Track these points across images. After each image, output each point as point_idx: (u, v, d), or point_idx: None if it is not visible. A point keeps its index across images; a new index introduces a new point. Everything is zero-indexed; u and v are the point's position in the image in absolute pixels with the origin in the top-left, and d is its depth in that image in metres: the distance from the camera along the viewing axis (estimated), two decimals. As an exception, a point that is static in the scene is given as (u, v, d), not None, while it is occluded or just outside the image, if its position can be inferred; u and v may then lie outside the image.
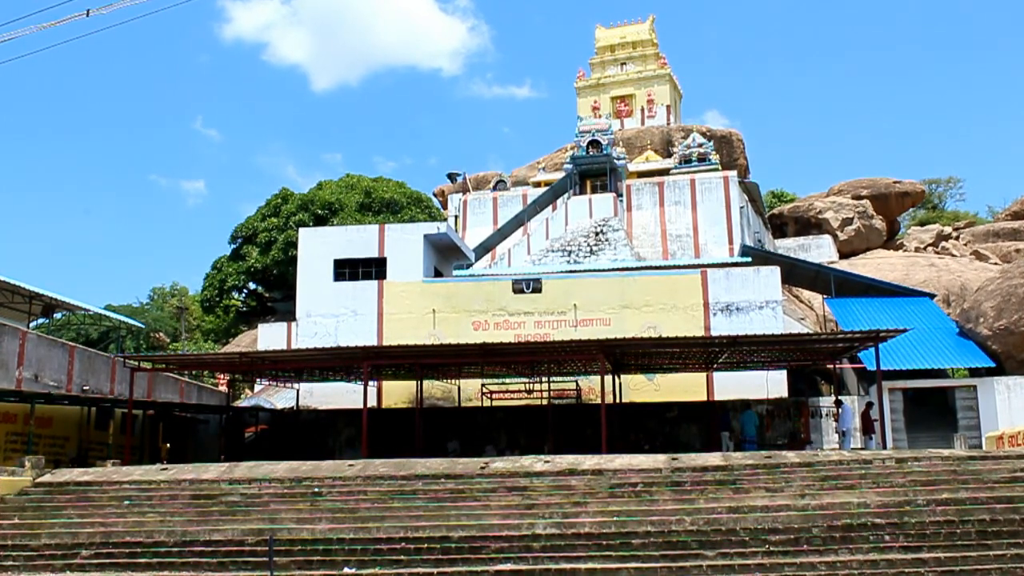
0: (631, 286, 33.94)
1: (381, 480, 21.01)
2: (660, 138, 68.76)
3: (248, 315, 61.24)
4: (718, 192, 55.52)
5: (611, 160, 56.58)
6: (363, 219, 55.23)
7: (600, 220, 53.79)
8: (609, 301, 33.62)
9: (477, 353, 26.80)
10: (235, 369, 31.31)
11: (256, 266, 56.19)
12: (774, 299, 33.20)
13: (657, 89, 73.91)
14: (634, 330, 31.83)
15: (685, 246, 54.56)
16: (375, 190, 59.42)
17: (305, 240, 37.09)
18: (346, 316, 34.91)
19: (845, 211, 64.52)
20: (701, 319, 33.00)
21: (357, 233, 37.19)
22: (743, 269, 34.69)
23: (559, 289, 34.20)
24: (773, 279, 33.55)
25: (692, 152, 60.27)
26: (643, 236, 55.62)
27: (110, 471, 23.51)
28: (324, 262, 35.96)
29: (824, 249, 61.80)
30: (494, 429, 32.54)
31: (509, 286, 34.39)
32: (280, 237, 55.43)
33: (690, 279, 33.94)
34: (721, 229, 54.60)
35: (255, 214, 59.03)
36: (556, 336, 32.15)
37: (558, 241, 53.18)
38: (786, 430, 31.31)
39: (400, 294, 34.74)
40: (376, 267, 35.93)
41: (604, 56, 77.29)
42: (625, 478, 20.12)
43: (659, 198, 56.65)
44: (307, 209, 56.55)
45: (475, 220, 60.21)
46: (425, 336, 32.92)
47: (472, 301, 34.28)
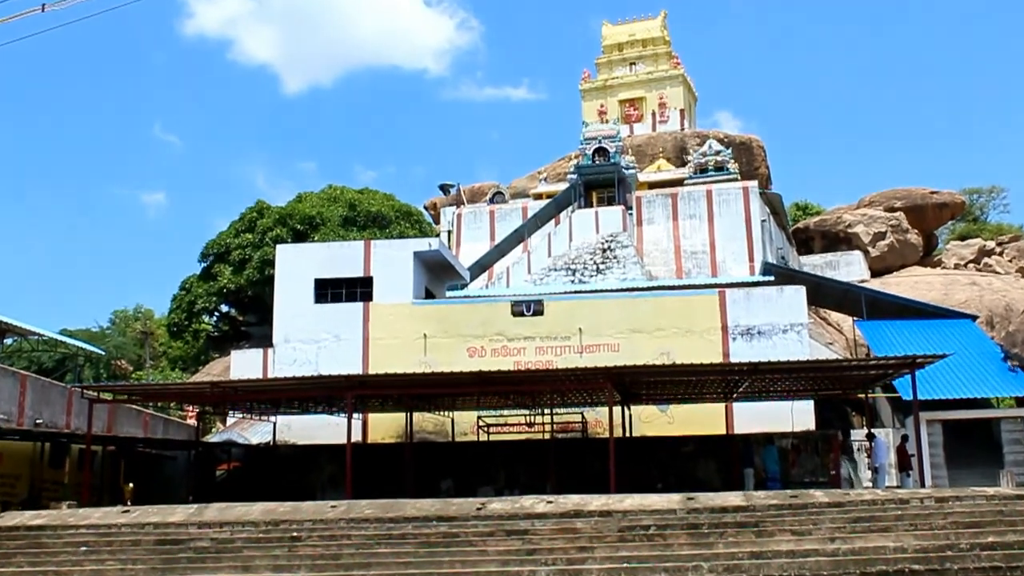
0: (642, 308, 33.91)
1: (367, 523, 20.92)
2: (673, 145, 68.96)
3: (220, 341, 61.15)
4: (737, 204, 55.58)
5: (619, 169, 56.67)
6: (347, 235, 55.30)
7: (607, 236, 53.81)
8: (618, 325, 33.58)
9: (473, 382, 26.73)
10: (205, 400, 31.21)
11: (229, 286, 56.21)
12: (799, 322, 33.17)
13: (670, 91, 74.21)
14: (645, 356, 31.78)
15: (701, 264, 54.57)
16: (360, 203, 59.54)
17: (283, 258, 37.08)
18: (328, 342, 34.85)
19: (877, 225, 64.61)
20: (719, 344, 32.96)
21: (340, 250, 37.17)
22: (765, 289, 34.68)
23: (563, 312, 34.17)
24: (798, 300, 33.53)
25: (708, 160, 60.42)
26: (655, 253, 55.64)
27: (65, 514, 23.41)
28: (304, 282, 35.93)
29: (854, 266, 61.80)
30: (491, 466, 32.42)
31: (508, 308, 34.36)
32: (255, 254, 55.48)
33: (707, 300, 33.92)
34: (740, 245, 54.61)
35: (228, 229, 59.11)
36: (559, 363, 32.09)
37: (561, 259, 53.17)
38: (813, 466, 31.19)
39: (388, 317, 34.70)
40: (361, 287, 35.91)
41: (611, 55, 77.64)
42: (636, 520, 20.03)
43: (672, 211, 56.71)
44: (285, 224, 56.64)
45: (470, 236, 60.23)
46: (415, 363, 32.83)
47: (467, 325, 34.23)
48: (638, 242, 55.69)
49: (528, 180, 71.69)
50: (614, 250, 52.68)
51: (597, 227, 54.54)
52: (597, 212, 55.33)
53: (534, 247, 56.13)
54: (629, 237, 54.11)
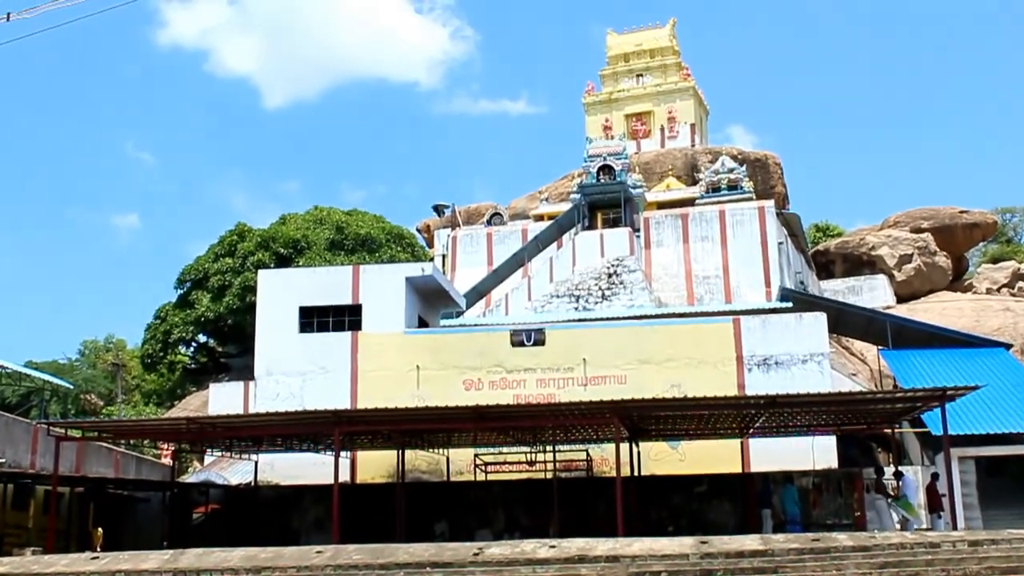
0: (651, 337, 33.91)
1: (355, 570, 20.84)
2: (683, 162, 69.20)
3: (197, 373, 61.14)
4: (752, 225, 55.70)
5: (626, 189, 56.83)
6: (334, 259, 55.39)
7: (614, 260, 53.89)
8: (625, 355, 33.57)
9: (469, 417, 26.69)
10: (182, 438, 31.15)
11: (207, 315, 56.24)
12: (820, 351, 33.17)
13: (679, 105, 74.55)
14: (655, 389, 31.72)
15: (714, 289, 54.63)
16: (348, 225, 59.68)
17: (265, 284, 37.10)
18: (314, 374, 34.82)
19: (903, 247, 64.75)
20: (734, 376, 32.94)
21: (327, 276, 37.20)
22: (783, 316, 34.70)
23: (566, 341, 34.17)
24: (818, 328, 33.54)
25: (721, 179, 60.61)
26: (664, 278, 55.69)
27: (29, 561, 23.31)
28: (288, 310, 35.92)
29: (878, 292, 61.90)
30: (490, 508, 32.33)
31: (507, 338, 34.35)
32: (236, 281, 55.55)
33: (720, 328, 33.92)
34: (756, 269, 54.69)
35: (206, 253, 59.21)
36: (562, 397, 32.04)
37: (564, 284, 53.23)
38: (836, 507, 31.11)
39: (378, 348, 34.69)
40: (349, 316, 35.90)
41: (617, 66, 78.03)
42: (645, 566, 19.96)
43: (683, 233, 56.81)
44: (268, 247, 56.75)
45: (466, 260, 60.29)
46: (408, 397, 32.80)
47: (463, 356, 34.22)
48: (646, 266, 55.74)
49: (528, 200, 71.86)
50: (620, 275, 52.74)
51: (602, 250, 54.61)
52: (602, 234, 55.41)
53: (535, 272, 56.18)
54: (636, 261, 54.17)
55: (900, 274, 63.62)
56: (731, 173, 60.81)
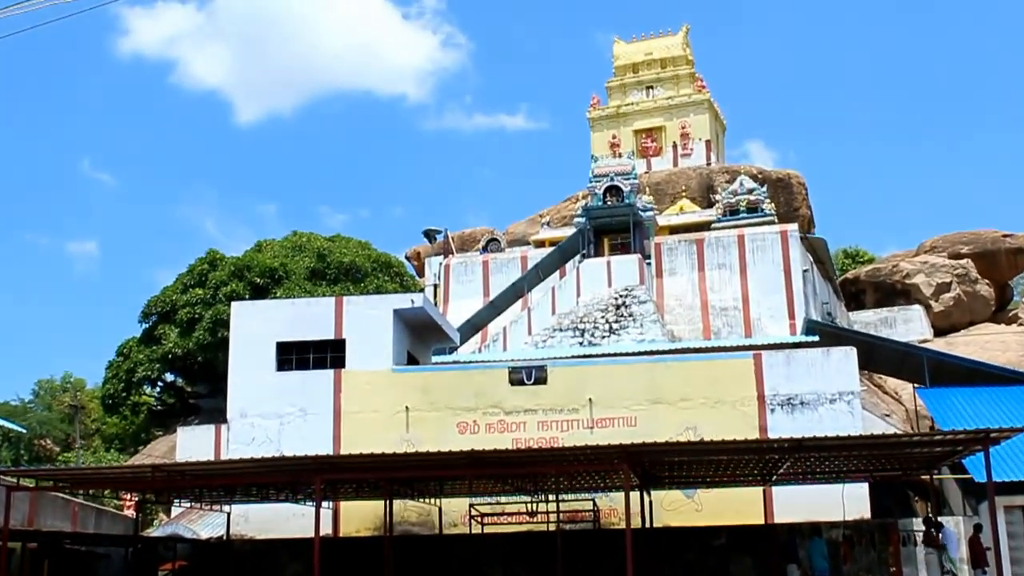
0: (663, 375, 33.92)
1: (338, 633, 20.79)
2: (698, 182, 69.47)
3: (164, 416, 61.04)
4: (774, 252, 55.83)
5: (635, 212, 56.98)
6: (315, 290, 55.41)
7: (622, 289, 53.97)
8: (635, 395, 33.57)
9: (464, 463, 26.66)
10: (146, 487, 31.08)
11: (175, 351, 56.17)
12: (850, 389, 33.17)
13: (694, 119, 74.88)
14: (668, 432, 31.70)
15: (732, 322, 54.67)
16: (331, 252, 59.75)
17: (240, 317, 37.11)
18: (293, 416, 34.80)
19: (940, 274, 64.91)
20: (755, 417, 32.92)
21: (307, 308, 37.21)
22: (809, 351, 34.70)
23: (570, 379, 34.16)
24: (848, 364, 33.55)
25: (740, 200, 60.82)
26: (678, 309, 55.76)
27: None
28: (264, 346, 35.93)
29: (914, 324, 62.00)
30: (486, 563, 32.27)
31: (505, 376, 34.35)
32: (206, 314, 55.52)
33: (740, 365, 33.93)
34: (779, 299, 54.76)
35: (174, 284, 59.23)
36: (566, 441, 32.03)
37: (568, 317, 53.27)
38: (869, 562, 31.07)
39: (363, 387, 34.68)
40: (332, 352, 35.90)
41: (624, 77, 78.42)
42: (659, 628, 19.92)
43: (698, 260, 56.93)
44: (242, 277, 56.78)
45: (460, 290, 60.38)
46: (396, 441, 32.77)
47: (457, 396, 34.21)
48: (658, 297, 55.81)
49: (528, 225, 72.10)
50: (630, 306, 52.81)
51: (609, 279, 54.70)
52: (609, 262, 55.51)
53: (535, 303, 56.22)
54: (647, 291, 54.23)
55: (937, 304, 63.73)
56: (750, 194, 61.00)
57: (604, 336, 51.30)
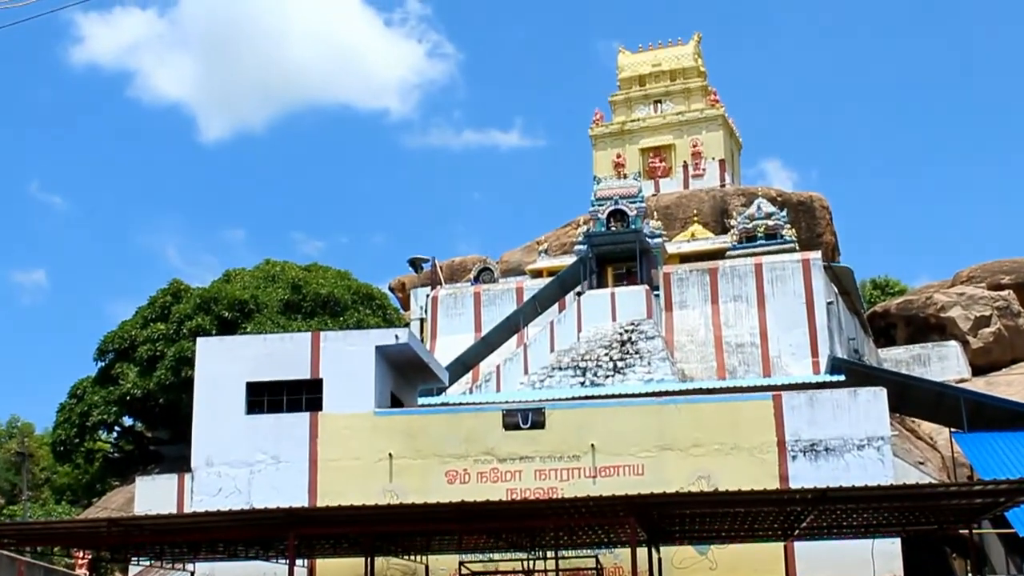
0: (673, 418, 33.91)
1: None
2: (711, 206, 69.60)
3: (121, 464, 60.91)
4: (795, 282, 55.89)
5: (642, 238, 57.09)
6: (289, 324, 55.45)
7: (628, 324, 54.01)
8: (642, 440, 33.57)
9: (453, 516, 26.64)
10: (101, 543, 31.00)
11: (134, 392, 56.14)
12: (880, 435, 33.20)
13: (706, 137, 75.11)
14: (679, 482, 31.72)
15: (749, 360, 54.69)
16: (306, 283, 59.82)
17: (206, 355, 37.11)
18: (264, 464, 34.76)
19: (979, 307, 64.99)
20: (775, 464, 32.92)
21: (280, 344, 37.24)
22: (834, 392, 34.72)
23: (570, 423, 34.15)
24: (878, 406, 33.59)
25: (757, 225, 60.91)
26: (689, 346, 55.78)
27: None
28: (233, 386, 35.91)
29: (950, 362, 62.02)
30: (478, 628, 32.18)
31: (499, 419, 34.33)
32: (169, 351, 55.52)
33: (758, 407, 33.93)
34: (801, 334, 54.78)
35: (133, 318, 59.27)
36: (566, 491, 32.00)
37: (568, 354, 53.27)
38: (903, 626, 31.05)
39: (342, 432, 34.65)
40: (308, 393, 35.89)
41: (630, 91, 78.67)
42: None
43: (711, 291, 56.98)
44: (208, 310, 56.81)
45: (449, 325, 60.34)
46: (378, 492, 32.74)
47: (446, 441, 34.19)
48: (667, 332, 55.85)
49: (524, 253, 72.15)
50: (636, 343, 52.84)
51: (614, 313, 54.72)
52: (614, 293, 55.55)
53: (532, 339, 56.21)
54: (655, 326, 54.27)
55: (976, 340, 63.78)
56: (769, 219, 61.09)
57: (608, 375, 51.31)
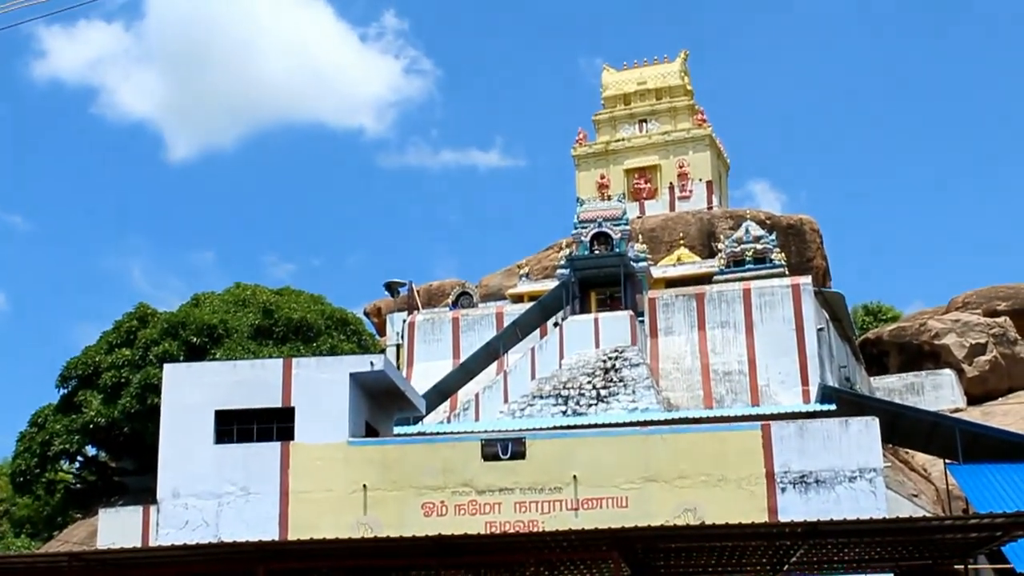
0: (658, 449, 33.83)
1: None
2: (698, 229, 69.74)
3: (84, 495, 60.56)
4: (785, 308, 55.97)
5: (626, 262, 57.11)
6: (260, 350, 55.25)
7: (611, 351, 53.97)
8: (626, 471, 33.46)
9: (430, 550, 26.50)
10: (62, 578, 30.75)
11: (98, 421, 55.84)
12: (872, 466, 33.15)
13: (693, 157, 75.26)
14: (664, 514, 31.64)
15: (737, 388, 54.70)
16: (278, 307, 59.63)
17: (173, 382, 36.92)
18: (233, 496, 34.56)
19: (974, 334, 65.14)
20: (763, 497, 32.84)
21: (251, 371, 37.08)
22: (825, 421, 34.69)
23: (552, 453, 34.04)
24: (870, 436, 33.55)
25: (745, 249, 61.02)
26: (675, 374, 55.76)
27: None
28: (201, 415, 35.73)
29: (945, 391, 62.16)
30: (455, 667, 31.97)
31: (477, 449, 34.21)
32: (135, 377, 55.26)
33: (746, 437, 33.87)
34: (790, 362, 54.83)
35: (97, 343, 59.00)
36: (548, 524, 31.84)
37: (549, 382, 53.17)
38: (896, 665, 30.95)
39: (315, 462, 34.49)
40: (279, 422, 35.73)
41: (614, 109, 78.83)
42: None
43: (698, 317, 57.02)
44: (176, 335, 56.58)
45: (427, 351, 60.26)
46: (352, 525, 32.59)
47: (422, 472, 34.04)
48: (652, 359, 55.82)
49: (504, 276, 72.20)
50: (620, 370, 52.78)
51: (597, 339, 54.69)
52: (597, 319, 55.53)
53: (512, 367, 56.14)
54: (640, 353, 54.24)
55: (971, 368, 63.91)
56: (758, 242, 61.20)
57: (591, 404, 51.21)
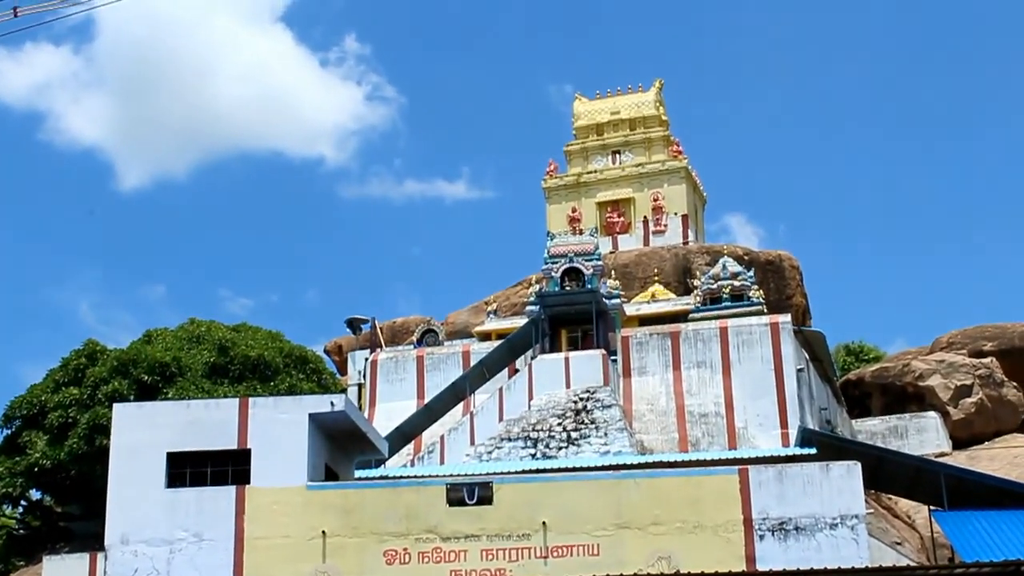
0: (631, 494, 33.95)
1: None
2: (673, 264, 69.94)
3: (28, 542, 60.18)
4: (763, 347, 56.22)
5: (598, 299, 57.27)
6: (215, 389, 55.10)
7: (583, 391, 54.07)
8: (598, 517, 33.55)
9: (392, 600, 26.57)
10: (5, 629, 30.70)
11: (43, 463, 55.54)
12: (854, 512, 33.35)
13: (668, 190, 75.41)
14: (637, 563, 31.77)
15: (714, 431, 54.84)
16: (234, 345, 59.51)
17: (123, 422, 36.85)
18: (185, 543, 34.48)
19: (960, 375, 65.42)
20: (740, 544, 32.94)
21: (205, 411, 37.02)
22: (805, 466, 34.89)
23: (520, 498, 34.12)
24: (852, 481, 33.76)
25: (723, 286, 61.22)
26: (649, 416, 55.87)
27: None
28: (152, 457, 35.67)
29: (929, 434, 62.40)
30: None
31: (442, 494, 34.26)
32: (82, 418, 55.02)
33: (722, 482, 34.03)
34: (769, 404, 55.05)
35: (43, 381, 58.70)
36: (516, 573, 31.98)
37: (518, 424, 53.23)
38: None
39: (272, 507, 34.48)
40: (234, 465, 35.70)
41: (587, 140, 78.97)
42: None
43: (673, 357, 57.19)
44: (127, 374, 56.37)
45: (390, 391, 60.22)
46: (311, 573, 32.61)
47: (384, 518, 34.06)
48: (625, 401, 55.95)
49: (470, 314, 72.21)
50: (592, 412, 52.88)
51: (568, 379, 54.77)
52: (568, 358, 55.64)
53: (479, 408, 56.16)
54: (612, 393, 54.37)
55: (957, 411, 64.11)
56: (735, 279, 61.37)
57: (561, 447, 51.29)
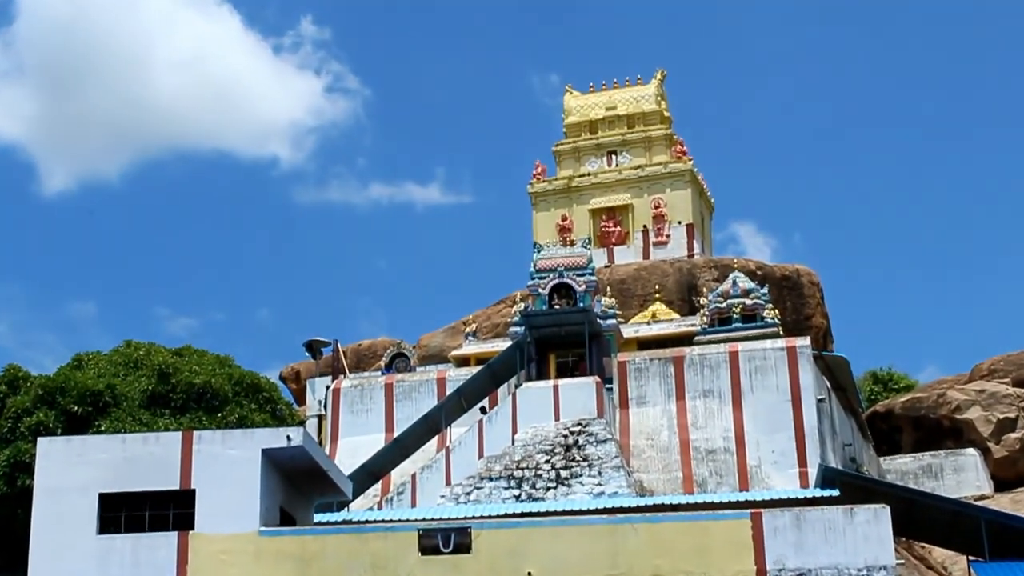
0: (629, 540, 33.93)
1: None
2: (676, 280, 69.92)
3: (-60, 596, 60.04)
4: (779, 374, 56.18)
5: (592, 319, 57.22)
6: (155, 422, 54.97)
7: (574, 424, 54.03)
8: (591, 567, 33.54)
9: (356, 662, 26.48)
10: None
11: (-42, 506, 55.49)
12: (882, 563, 33.36)
13: (671, 196, 75.37)
14: (637, 619, 31.71)
15: (723, 469, 54.81)
16: (176, 370, 59.33)
17: (49, 458, 36.74)
18: (120, 597, 34.42)
19: (1002, 407, 65.53)
20: (754, 598, 33.02)
21: (144, 446, 36.92)
22: (826, 510, 34.90)
23: (502, 546, 34.07)
24: (880, 528, 33.76)
25: (732, 304, 61.18)
26: (648, 452, 55.85)
27: None
28: (82, 498, 35.55)
29: (968, 474, 62.48)
30: None
31: (414, 541, 34.21)
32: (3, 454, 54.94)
33: (732, 528, 34.02)
34: (786, 438, 55.02)
35: (-42, 412, 58.63)
36: (498, 631, 31.91)
37: (501, 460, 53.16)
38: None
39: (219, 556, 34.38)
40: (177, 508, 35.61)
41: (579, 139, 78.96)
42: None
43: (676, 385, 57.16)
44: (53, 403, 56.21)
45: (354, 424, 60.12)
46: (262, 632, 32.49)
47: (348, 568, 34.00)
48: (621, 435, 55.90)
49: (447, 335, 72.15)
50: (584, 447, 52.83)
51: (557, 411, 54.73)
52: (557, 386, 55.60)
53: (457, 442, 56.08)
54: (607, 426, 54.32)
55: (999, 447, 64.26)
56: (747, 297, 61.37)
57: (549, 487, 51.23)
